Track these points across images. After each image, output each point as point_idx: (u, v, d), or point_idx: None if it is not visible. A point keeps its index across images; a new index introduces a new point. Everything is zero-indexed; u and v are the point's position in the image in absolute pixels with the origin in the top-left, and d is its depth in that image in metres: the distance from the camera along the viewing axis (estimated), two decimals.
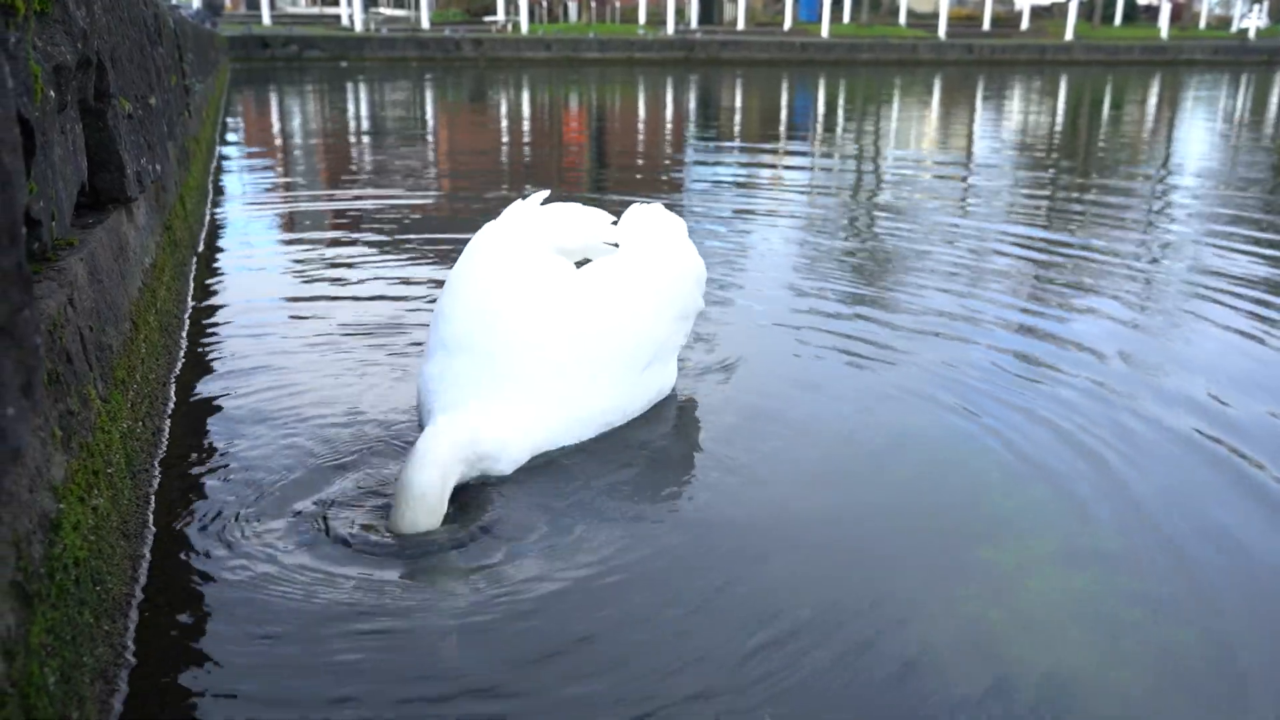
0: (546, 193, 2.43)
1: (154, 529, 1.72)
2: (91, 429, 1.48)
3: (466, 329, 2.06)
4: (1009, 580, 1.66)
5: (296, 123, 9.93)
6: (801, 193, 5.94)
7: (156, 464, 1.96)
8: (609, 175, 6.82)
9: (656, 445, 2.16)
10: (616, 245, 2.27)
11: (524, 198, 2.37)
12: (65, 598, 1.14)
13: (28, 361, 0.88)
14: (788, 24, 30.87)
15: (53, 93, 1.52)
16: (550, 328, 2.03)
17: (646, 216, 2.36)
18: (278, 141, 8.34)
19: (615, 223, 2.33)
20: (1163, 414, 2.35)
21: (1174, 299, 3.48)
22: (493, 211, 2.43)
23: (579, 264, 2.28)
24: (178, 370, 2.54)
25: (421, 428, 2.01)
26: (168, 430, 2.15)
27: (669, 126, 10.19)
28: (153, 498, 1.82)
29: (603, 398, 2.10)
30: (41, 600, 1.06)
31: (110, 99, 2.06)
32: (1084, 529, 1.82)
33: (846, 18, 34.28)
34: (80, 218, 2.03)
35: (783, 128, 10.13)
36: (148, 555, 1.63)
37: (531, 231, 2.20)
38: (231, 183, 6.05)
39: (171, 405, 2.30)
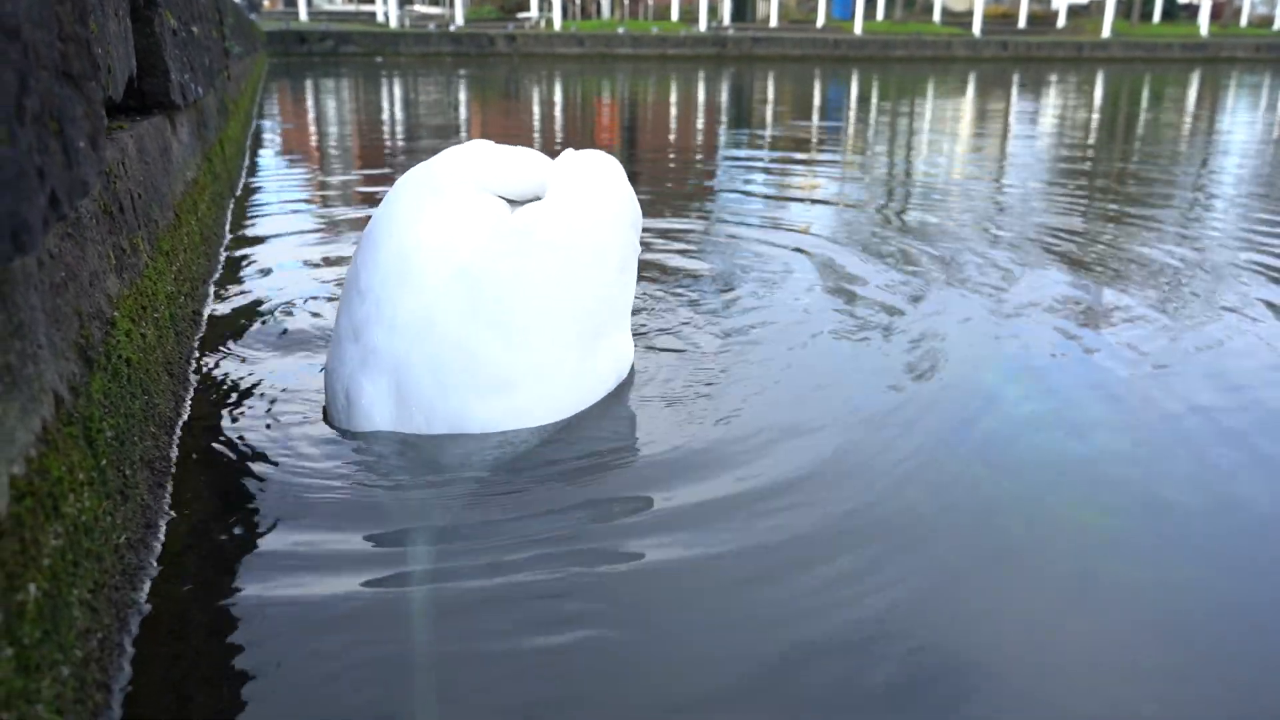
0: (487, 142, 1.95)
1: (194, 387, 1.86)
2: (140, 274, 1.62)
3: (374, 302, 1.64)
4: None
5: (332, 108, 10.15)
6: (835, 180, 6.02)
7: (196, 341, 2.11)
8: (642, 163, 6.94)
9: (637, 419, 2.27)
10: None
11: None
12: (119, 380, 1.27)
13: (94, 120, 1.01)
14: (821, 21, 30.83)
15: None
16: (476, 292, 1.62)
17: (581, 159, 2.04)
18: (312, 119, 8.55)
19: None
20: (1202, 385, 2.32)
21: (1221, 273, 3.53)
22: None
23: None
24: (216, 276, 2.69)
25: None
26: (205, 319, 2.29)
27: (700, 118, 10.29)
28: (191, 372, 1.97)
29: (556, 377, 1.71)
30: (99, 369, 1.19)
31: (157, 7, 2.22)
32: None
33: (880, 15, 34.21)
34: (129, 117, 2.19)
35: (815, 119, 10.19)
36: (189, 403, 1.77)
37: (460, 173, 1.78)
38: (267, 150, 6.25)
39: (210, 305, 2.45)
